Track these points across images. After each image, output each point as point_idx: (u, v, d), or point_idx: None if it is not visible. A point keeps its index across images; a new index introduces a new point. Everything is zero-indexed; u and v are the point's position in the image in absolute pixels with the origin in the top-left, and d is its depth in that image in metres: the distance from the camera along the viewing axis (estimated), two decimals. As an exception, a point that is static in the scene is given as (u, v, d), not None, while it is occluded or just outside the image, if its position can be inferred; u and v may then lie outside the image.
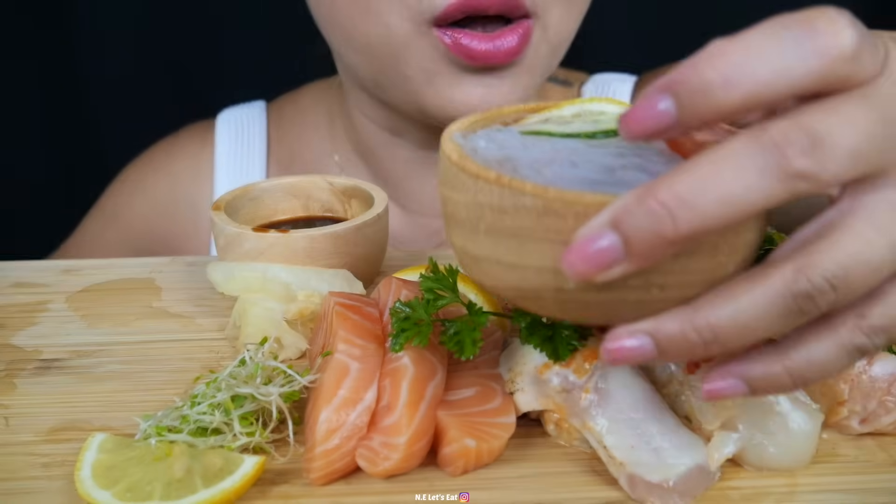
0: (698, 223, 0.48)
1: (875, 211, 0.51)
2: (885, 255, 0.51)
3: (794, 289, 0.50)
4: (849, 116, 0.49)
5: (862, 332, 0.53)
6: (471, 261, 0.58)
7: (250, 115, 1.29)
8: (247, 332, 0.81)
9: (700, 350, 0.52)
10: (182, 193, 1.26)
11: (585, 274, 0.50)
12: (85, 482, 0.64)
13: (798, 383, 0.54)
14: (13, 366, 0.82)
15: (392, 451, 0.64)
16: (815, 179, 0.48)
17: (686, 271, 0.53)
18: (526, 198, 0.52)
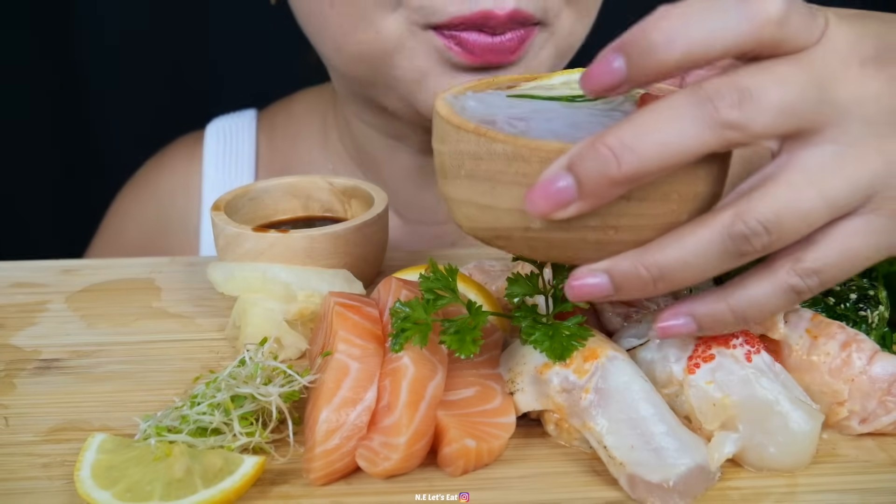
0: (639, 165, 0.55)
1: (808, 165, 0.57)
2: (816, 204, 0.57)
3: (732, 231, 0.57)
4: (779, 75, 0.56)
5: (796, 274, 0.59)
6: (454, 205, 0.65)
7: (240, 125, 1.27)
8: (247, 332, 0.81)
9: (650, 287, 0.59)
10: (171, 213, 1.25)
11: (545, 211, 0.58)
12: (85, 482, 0.64)
13: (739, 320, 0.61)
14: (13, 366, 0.82)
15: (392, 451, 0.64)
16: (744, 129, 0.55)
17: (639, 216, 0.59)
18: (497, 145, 0.59)
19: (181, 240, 1.23)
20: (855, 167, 0.58)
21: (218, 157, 1.24)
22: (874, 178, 0.58)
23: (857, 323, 0.76)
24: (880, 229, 0.59)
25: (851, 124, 0.58)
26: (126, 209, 1.30)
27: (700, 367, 0.67)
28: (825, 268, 0.59)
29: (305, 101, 1.27)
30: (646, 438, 0.64)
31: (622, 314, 0.76)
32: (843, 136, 0.58)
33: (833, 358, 0.69)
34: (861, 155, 0.58)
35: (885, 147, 0.58)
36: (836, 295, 0.79)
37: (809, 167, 0.57)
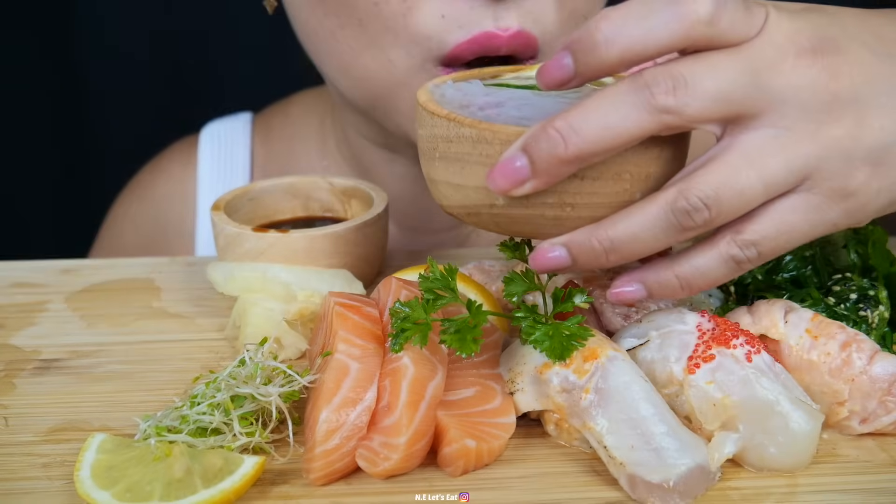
0: (583, 145, 0.61)
1: (747, 147, 0.63)
2: (753, 183, 0.62)
3: (675, 206, 0.62)
4: (713, 64, 0.62)
5: (736, 245, 0.64)
6: (432, 185, 0.71)
7: (235, 128, 1.26)
8: (246, 332, 0.81)
9: (602, 258, 0.65)
10: (168, 218, 1.24)
11: (504, 189, 0.64)
12: (84, 482, 0.64)
13: (685, 287, 0.66)
14: (12, 366, 0.82)
15: (392, 451, 0.64)
16: (679, 114, 0.61)
17: (593, 194, 0.65)
18: (465, 129, 0.66)
19: (177, 245, 1.23)
20: (791, 150, 0.63)
21: (213, 161, 1.24)
22: (809, 160, 0.63)
23: (858, 323, 0.76)
24: (816, 207, 0.64)
25: (788, 110, 0.62)
26: (123, 215, 1.29)
27: (700, 367, 0.67)
28: (763, 240, 0.64)
29: (302, 103, 1.26)
30: (646, 438, 0.64)
31: (622, 314, 0.76)
32: (780, 121, 0.62)
33: (833, 358, 0.69)
34: (797, 139, 0.63)
35: (821, 132, 0.63)
36: (836, 295, 0.79)
37: (748, 149, 0.63)
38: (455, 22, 0.88)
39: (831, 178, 0.63)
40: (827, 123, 0.63)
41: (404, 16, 0.88)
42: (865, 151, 0.64)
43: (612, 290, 0.68)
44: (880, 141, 0.64)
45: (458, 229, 1.14)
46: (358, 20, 0.91)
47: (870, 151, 0.64)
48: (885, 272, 0.80)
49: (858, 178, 0.64)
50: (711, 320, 0.69)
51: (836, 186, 0.64)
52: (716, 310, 0.80)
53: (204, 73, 1.88)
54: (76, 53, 1.87)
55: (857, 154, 0.63)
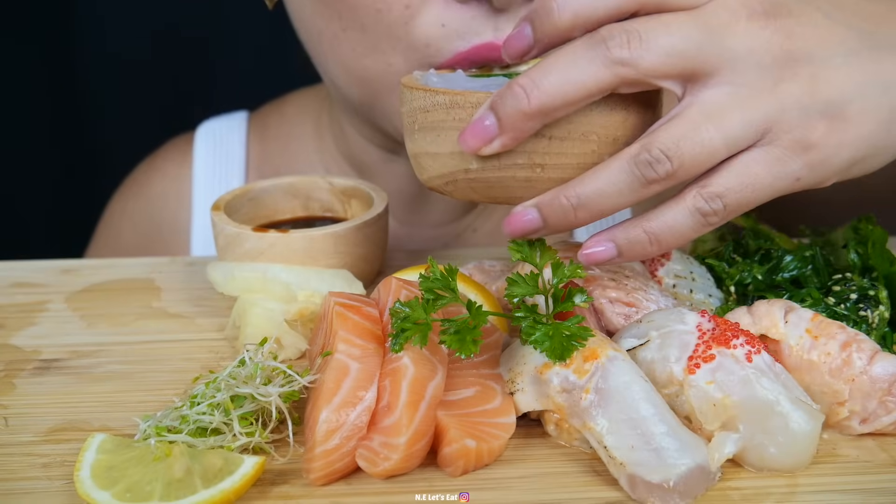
0: (545, 98, 0.65)
1: (706, 103, 0.65)
2: (713, 136, 0.65)
3: (637, 159, 0.65)
4: (666, 21, 0.65)
5: (702, 198, 0.66)
6: (413, 159, 0.75)
7: (230, 127, 1.26)
8: (246, 332, 0.81)
9: (571, 215, 0.68)
10: (163, 216, 1.25)
11: (474, 147, 0.68)
12: (84, 482, 0.64)
13: (654, 243, 0.68)
14: (12, 366, 0.82)
15: (392, 451, 0.64)
16: (634, 66, 0.65)
17: (561, 155, 0.69)
18: (439, 97, 0.70)
19: (173, 242, 1.23)
20: (749, 105, 0.65)
21: (208, 159, 1.24)
22: (768, 114, 0.65)
23: (858, 323, 0.76)
24: (777, 159, 0.66)
25: (744, 68, 0.65)
26: (120, 212, 1.30)
27: (700, 367, 0.67)
28: (727, 192, 0.66)
29: (298, 102, 1.26)
30: (646, 438, 0.64)
31: (623, 314, 0.76)
32: (737, 79, 0.65)
33: (833, 358, 0.69)
34: (754, 95, 0.65)
35: (778, 87, 0.66)
36: (836, 295, 0.79)
37: (707, 105, 0.65)
38: (455, 31, 0.88)
39: (790, 131, 0.66)
40: (783, 79, 0.66)
41: (406, 23, 0.89)
42: (822, 105, 0.66)
43: (581, 251, 0.69)
44: (836, 96, 0.66)
45: (455, 224, 1.14)
46: (361, 25, 0.91)
47: (827, 105, 0.66)
48: (885, 272, 0.80)
49: (818, 130, 0.66)
50: (711, 320, 0.69)
51: (796, 138, 0.66)
52: (716, 310, 0.80)
53: (203, 73, 1.88)
54: (76, 54, 1.87)
55: (814, 108, 0.66)
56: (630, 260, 0.71)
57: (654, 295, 0.77)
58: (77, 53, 1.87)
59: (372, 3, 0.89)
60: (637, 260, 0.73)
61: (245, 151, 1.24)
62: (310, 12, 0.96)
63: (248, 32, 1.80)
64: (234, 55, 1.86)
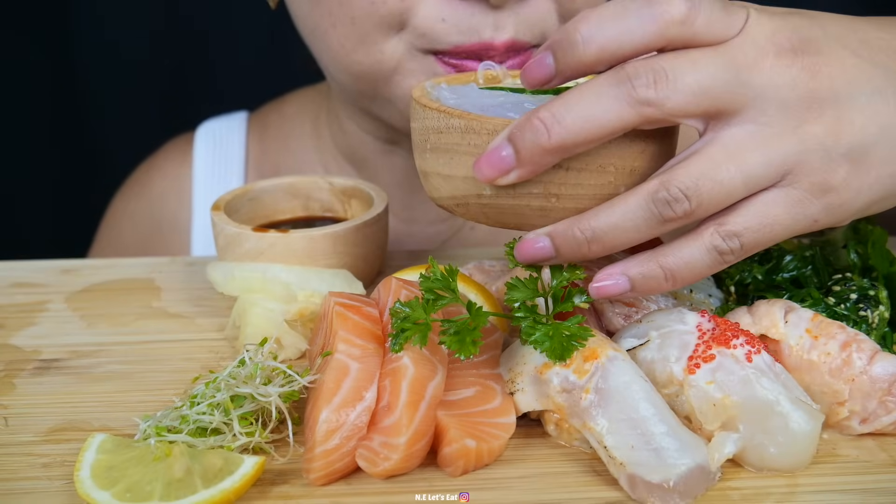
0: (566, 135, 0.63)
1: (727, 141, 0.64)
2: (733, 175, 0.64)
3: (655, 196, 0.64)
4: (693, 60, 0.63)
5: (719, 235, 0.65)
6: (424, 177, 0.73)
7: (230, 127, 1.27)
8: (246, 332, 0.81)
9: (584, 248, 0.66)
10: (164, 216, 1.26)
11: (490, 177, 0.66)
12: (84, 482, 0.64)
13: (669, 278, 0.66)
14: (12, 366, 0.82)
15: (392, 451, 0.64)
16: (659, 106, 0.63)
17: (578, 185, 0.67)
18: (454, 120, 0.68)
19: (174, 241, 1.24)
20: (771, 145, 0.64)
21: (207, 159, 1.25)
22: (789, 155, 0.64)
23: (858, 323, 0.76)
24: (797, 201, 0.65)
25: (768, 107, 0.64)
26: (122, 211, 1.30)
27: (700, 367, 0.67)
28: (745, 231, 0.65)
29: (298, 101, 1.27)
30: (646, 438, 0.64)
31: (623, 314, 0.76)
32: (760, 117, 0.64)
33: (833, 358, 0.69)
34: (777, 134, 0.64)
35: (801, 128, 0.64)
36: (836, 295, 0.79)
37: (728, 144, 0.64)
38: (455, 26, 0.89)
39: (812, 174, 0.64)
40: (807, 121, 0.64)
41: (401, 14, 0.89)
42: (846, 148, 0.65)
43: (592, 283, 0.68)
44: (860, 139, 0.65)
45: (453, 220, 1.15)
46: (350, 18, 0.91)
47: (850, 149, 0.65)
48: (885, 272, 0.80)
49: (839, 174, 0.65)
50: (711, 320, 0.69)
51: (817, 181, 0.64)
52: (716, 310, 0.80)
53: (204, 72, 1.88)
54: (76, 54, 1.87)
55: (837, 150, 0.64)
56: (642, 295, 0.69)
57: (653, 295, 0.77)
58: (77, 53, 1.87)
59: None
60: (649, 294, 0.70)
61: (245, 151, 1.25)
62: (305, 9, 0.97)
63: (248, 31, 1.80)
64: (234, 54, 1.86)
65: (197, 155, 1.25)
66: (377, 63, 0.94)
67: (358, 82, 0.97)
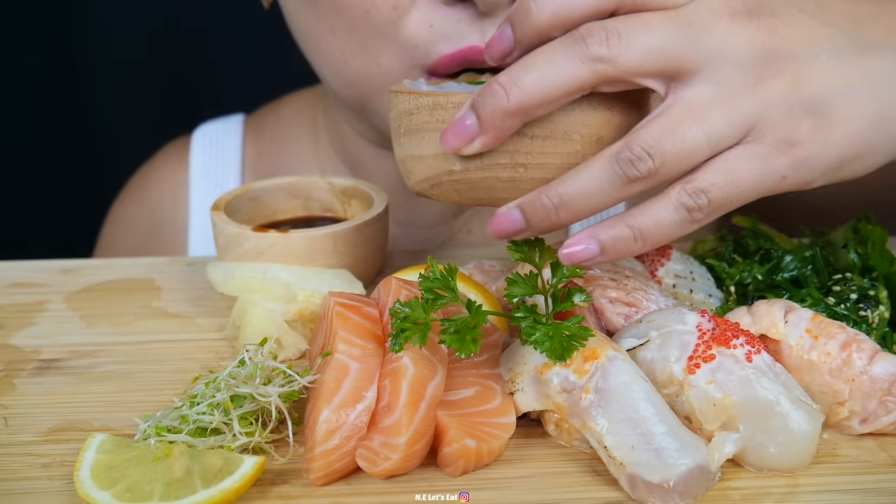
0: (524, 96, 0.65)
1: (688, 102, 0.65)
2: (695, 134, 0.64)
3: (619, 157, 0.65)
4: (646, 20, 0.65)
5: (686, 193, 0.65)
6: (401, 165, 0.75)
7: (227, 129, 1.27)
8: (246, 332, 0.81)
9: (553, 215, 0.67)
10: (162, 219, 1.26)
11: (455, 147, 0.67)
12: (84, 482, 0.64)
13: (639, 239, 0.66)
14: (12, 366, 0.82)
15: (392, 451, 0.64)
16: (613, 63, 0.64)
17: (544, 154, 0.68)
18: (423, 98, 0.70)
19: (172, 244, 1.24)
20: (731, 103, 0.65)
21: (204, 162, 1.25)
22: (750, 112, 0.65)
23: (858, 323, 0.76)
24: (761, 156, 0.65)
25: (725, 66, 0.65)
26: (121, 216, 1.31)
27: (700, 367, 0.67)
28: (712, 187, 0.65)
29: (295, 103, 1.27)
30: (646, 438, 0.64)
31: (623, 314, 0.76)
32: (719, 77, 0.65)
33: (833, 358, 0.69)
34: (737, 93, 0.65)
35: (761, 85, 0.65)
36: (836, 295, 0.79)
37: (689, 104, 0.65)
38: (442, 34, 0.89)
39: (775, 129, 0.65)
40: (766, 77, 0.65)
41: (395, 23, 0.89)
42: (807, 103, 0.65)
43: (562, 250, 0.68)
44: (821, 94, 0.66)
45: (450, 225, 1.15)
46: (349, 26, 0.92)
47: (812, 103, 0.65)
48: (885, 272, 0.80)
49: (802, 128, 0.65)
50: (711, 320, 0.69)
51: (780, 136, 0.65)
52: (716, 310, 0.80)
53: (204, 73, 1.88)
54: (76, 54, 1.87)
55: (798, 105, 0.65)
56: (613, 259, 0.68)
57: (654, 295, 0.77)
58: (77, 53, 1.87)
59: (360, 3, 0.89)
60: (620, 259, 0.70)
61: (241, 153, 1.25)
62: (301, 13, 0.97)
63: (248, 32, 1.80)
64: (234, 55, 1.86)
65: (193, 158, 1.25)
66: (374, 73, 0.94)
67: (349, 89, 0.98)
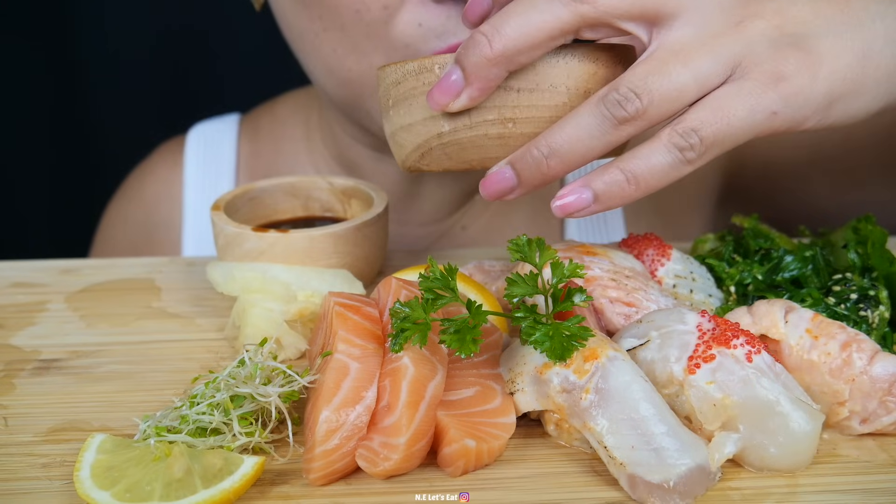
0: (506, 42, 0.65)
1: (672, 45, 0.66)
2: (681, 74, 0.65)
3: (606, 100, 0.65)
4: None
5: (677, 133, 0.65)
6: (391, 141, 0.75)
7: (221, 129, 1.27)
8: (246, 332, 0.81)
9: (544, 166, 0.67)
10: (157, 219, 1.26)
11: (442, 103, 0.68)
12: (84, 483, 0.64)
13: (633, 183, 0.66)
14: (12, 366, 0.82)
15: (392, 451, 0.64)
16: (593, 4, 0.65)
17: (532, 108, 0.68)
18: (409, 65, 0.71)
19: (167, 245, 1.24)
20: (716, 43, 0.65)
21: (198, 162, 1.25)
22: (735, 50, 0.65)
23: (858, 323, 0.76)
24: (749, 91, 0.65)
25: (706, 8, 0.66)
26: (116, 217, 1.31)
27: (700, 367, 0.67)
28: (703, 125, 0.65)
29: (291, 103, 1.27)
30: (646, 439, 0.64)
31: (623, 314, 0.76)
32: (699, 19, 0.66)
33: (833, 358, 0.69)
34: (720, 32, 0.65)
35: (743, 24, 0.66)
36: (836, 295, 0.79)
37: (674, 46, 0.66)
38: (432, 31, 0.89)
39: (761, 63, 0.65)
40: (748, 17, 0.66)
41: (385, 23, 0.90)
42: (791, 38, 0.66)
43: (554, 201, 0.68)
44: (805, 30, 0.66)
45: (444, 222, 1.15)
46: (340, 25, 0.92)
47: (795, 38, 0.66)
48: (885, 272, 0.80)
49: (789, 62, 0.65)
50: (711, 320, 0.69)
51: (767, 70, 0.65)
52: (716, 310, 0.80)
53: (204, 73, 1.88)
54: (76, 54, 1.87)
55: (783, 40, 0.65)
56: (608, 207, 0.68)
57: (654, 295, 0.77)
58: (77, 53, 1.87)
59: (351, 3, 0.89)
60: (616, 206, 0.69)
61: (235, 153, 1.25)
62: (292, 13, 0.97)
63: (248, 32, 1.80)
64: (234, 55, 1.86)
65: (188, 158, 1.25)
66: (367, 74, 0.94)
67: (342, 89, 0.98)
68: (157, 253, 1.23)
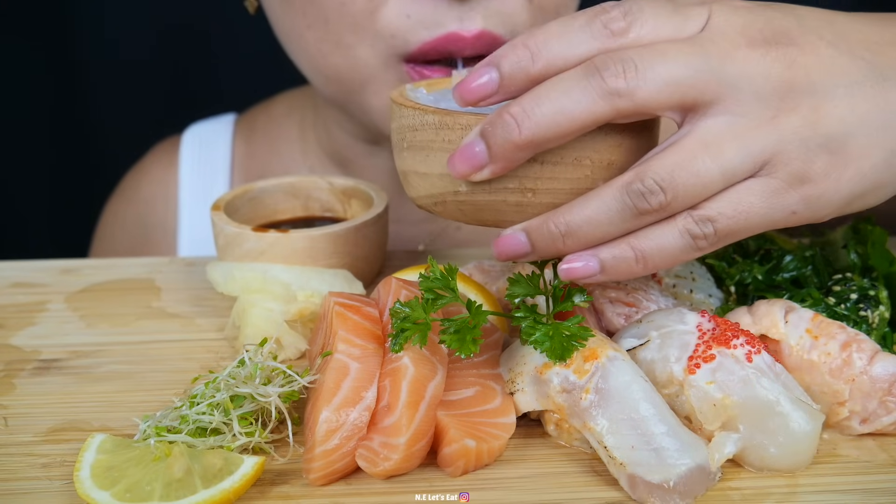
0: (536, 129, 0.63)
1: (703, 133, 0.63)
2: (709, 167, 0.62)
3: (630, 188, 0.63)
4: (662, 51, 0.63)
5: (693, 220, 0.64)
6: (403, 177, 0.73)
7: (217, 129, 1.27)
8: (246, 332, 0.81)
9: (559, 242, 0.65)
10: (152, 220, 1.26)
11: (463, 173, 0.66)
12: (84, 483, 0.64)
13: (641, 261, 0.65)
14: (12, 366, 0.82)
15: (392, 451, 0.64)
16: (630, 97, 0.62)
17: (553, 179, 0.66)
18: (428, 116, 0.68)
19: (163, 245, 1.24)
20: (748, 136, 0.63)
21: (193, 162, 1.25)
22: (767, 146, 0.63)
23: (858, 323, 0.76)
24: (773, 190, 0.64)
25: (743, 97, 0.63)
26: (112, 218, 1.31)
27: (700, 367, 0.67)
28: (719, 217, 0.64)
29: (286, 102, 1.27)
30: (646, 439, 0.64)
31: (623, 314, 0.76)
32: (735, 108, 0.63)
33: (834, 358, 0.69)
34: (754, 125, 0.63)
35: (778, 119, 0.63)
36: (836, 295, 0.79)
37: (705, 135, 0.63)
38: (420, 22, 0.89)
39: (789, 164, 0.63)
40: (783, 111, 0.64)
41: (371, 14, 0.90)
42: (823, 139, 0.64)
43: (562, 265, 0.66)
44: (838, 130, 0.64)
45: (437, 221, 1.15)
46: (324, 19, 0.91)
47: (828, 139, 0.64)
48: (885, 272, 0.80)
49: (817, 164, 0.64)
50: (711, 320, 0.69)
51: (794, 171, 0.64)
52: (716, 310, 0.80)
53: (204, 73, 1.88)
54: (76, 53, 1.87)
55: (814, 141, 0.64)
56: (613, 279, 0.67)
57: (654, 295, 0.77)
58: (77, 53, 1.87)
59: None
60: (620, 279, 0.68)
61: (230, 153, 1.25)
62: (279, 12, 0.97)
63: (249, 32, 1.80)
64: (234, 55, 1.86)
65: (183, 158, 1.25)
66: (353, 68, 0.94)
67: (331, 84, 0.98)
68: (153, 253, 1.23)
